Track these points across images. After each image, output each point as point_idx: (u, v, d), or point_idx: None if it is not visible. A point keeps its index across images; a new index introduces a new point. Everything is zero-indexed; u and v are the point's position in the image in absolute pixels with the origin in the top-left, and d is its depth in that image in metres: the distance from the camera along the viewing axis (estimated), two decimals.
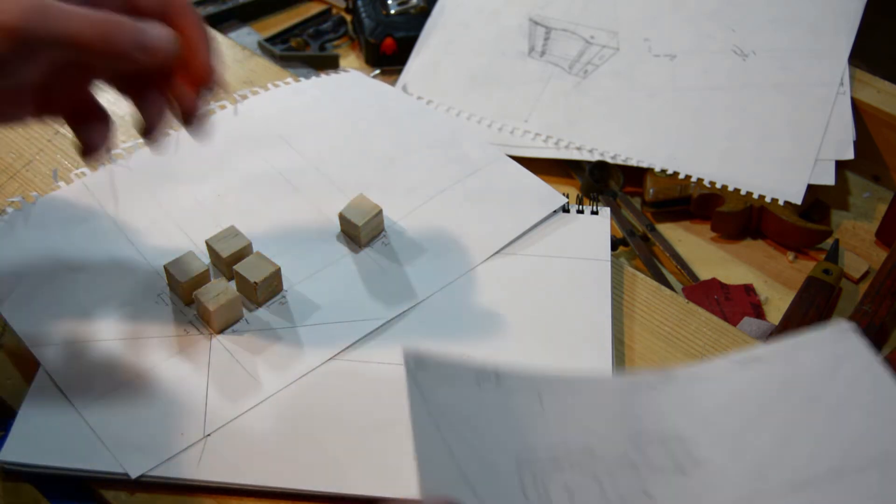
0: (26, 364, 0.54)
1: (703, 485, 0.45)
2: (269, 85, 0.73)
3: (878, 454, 0.44)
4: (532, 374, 0.47)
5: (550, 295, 0.58)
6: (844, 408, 0.46)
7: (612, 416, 0.47)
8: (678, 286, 0.68)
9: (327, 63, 0.85)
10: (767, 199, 0.70)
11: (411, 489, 0.47)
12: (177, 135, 0.68)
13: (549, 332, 0.56)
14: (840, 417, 0.46)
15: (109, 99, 0.72)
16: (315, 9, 0.94)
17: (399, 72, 0.83)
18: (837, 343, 0.48)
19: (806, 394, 0.47)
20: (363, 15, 0.87)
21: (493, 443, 0.44)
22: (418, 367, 0.44)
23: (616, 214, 0.72)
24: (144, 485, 0.49)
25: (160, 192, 0.64)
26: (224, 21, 0.90)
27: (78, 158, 0.67)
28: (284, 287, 0.58)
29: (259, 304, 0.57)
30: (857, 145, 0.73)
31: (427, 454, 0.40)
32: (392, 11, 0.87)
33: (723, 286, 0.67)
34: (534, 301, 0.58)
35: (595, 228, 0.63)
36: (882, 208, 0.74)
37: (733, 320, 0.64)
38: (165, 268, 0.57)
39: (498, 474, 0.43)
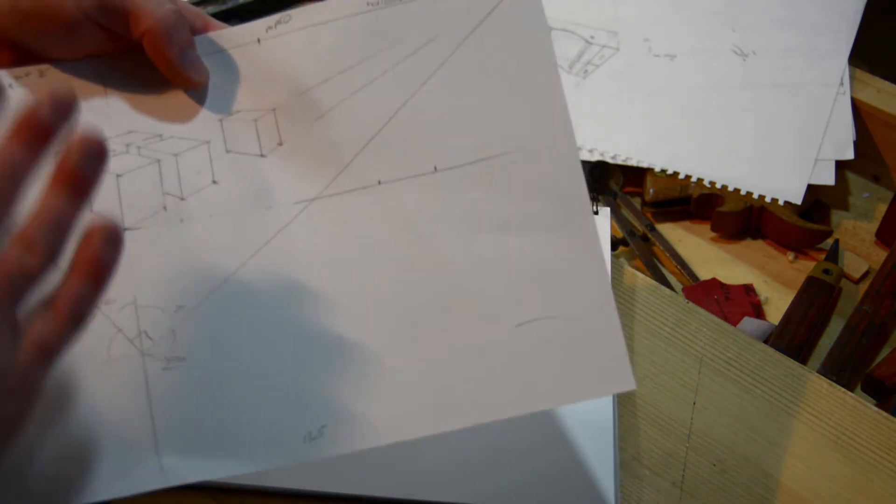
0: None
1: (281, 167, 0.43)
2: None
3: (517, 145, 0.43)
4: (97, 63, 0.45)
5: None
6: (489, 79, 0.44)
7: (197, 97, 0.45)
8: (678, 286, 0.68)
9: None
10: (767, 199, 0.70)
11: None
12: None
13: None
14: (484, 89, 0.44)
15: None
16: None
17: None
18: None
19: (442, 54, 0.44)
20: None
21: None
22: None
23: (616, 214, 0.72)
24: None
25: None
26: (224, 21, 0.90)
27: None
28: None
29: None
30: (857, 145, 0.73)
31: None
32: None
33: (723, 286, 0.67)
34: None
35: None
36: (882, 208, 0.74)
37: (733, 320, 0.64)
38: None
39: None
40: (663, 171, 0.73)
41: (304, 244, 0.42)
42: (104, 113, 0.44)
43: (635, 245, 0.70)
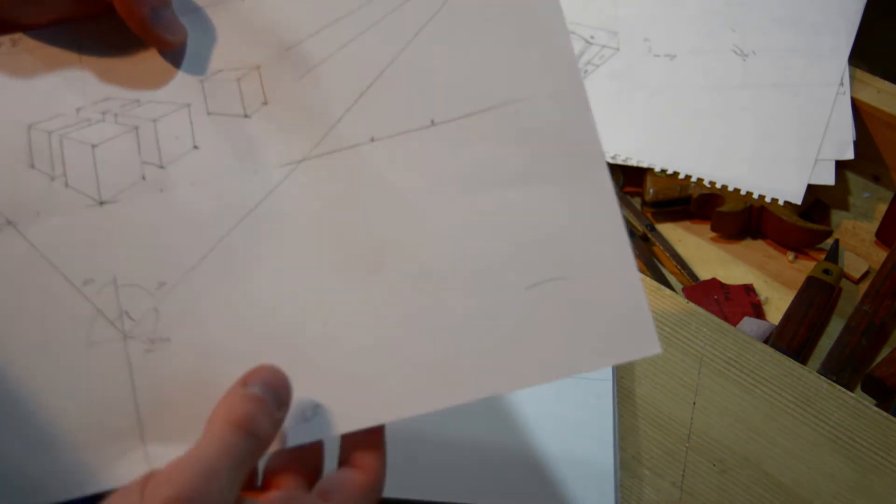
0: None
1: (266, 128, 0.41)
2: None
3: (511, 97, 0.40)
4: (70, 27, 0.43)
5: None
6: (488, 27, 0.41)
7: (175, 57, 0.43)
8: (678, 286, 0.68)
9: None
10: (767, 199, 0.70)
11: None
12: None
13: None
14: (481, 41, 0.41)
15: None
16: None
17: None
18: None
19: (436, 2, 0.42)
20: None
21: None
22: None
23: None
24: None
25: None
26: None
27: None
28: None
29: None
30: (857, 145, 0.73)
31: None
32: None
33: (723, 286, 0.67)
34: None
35: None
36: (882, 208, 0.74)
37: (733, 320, 0.64)
38: None
39: None
40: (663, 171, 0.73)
41: (292, 208, 0.40)
42: (79, 80, 0.42)
43: (635, 245, 0.70)
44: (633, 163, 0.74)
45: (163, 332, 0.39)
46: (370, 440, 0.37)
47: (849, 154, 0.72)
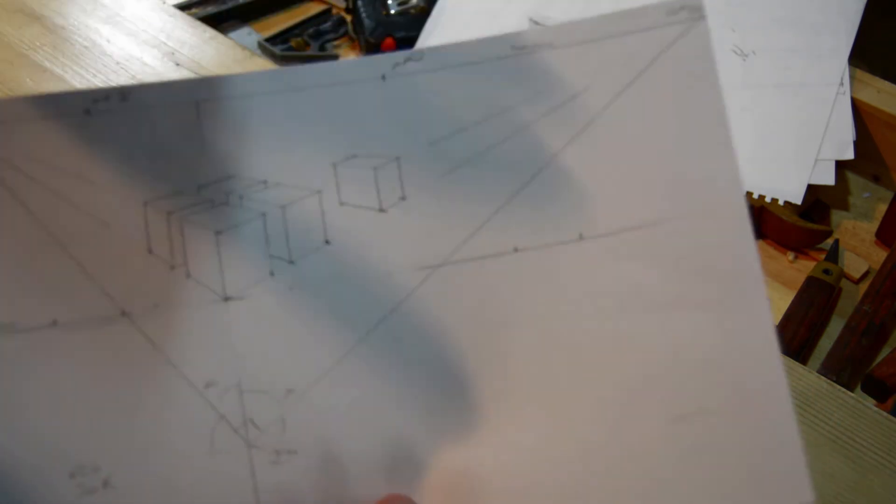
0: None
1: (401, 227, 0.38)
2: None
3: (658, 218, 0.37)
4: (189, 80, 0.38)
5: None
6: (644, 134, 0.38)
7: (308, 136, 0.39)
8: None
9: None
10: (767, 199, 0.70)
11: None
12: None
13: None
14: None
15: None
16: (315, 9, 0.94)
17: None
18: (666, 31, 0.39)
19: (594, 108, 0.39)
20: (363, 15, 0.87)
21: (108, 185, 0.37)
22: None
23: None
24: None
25: None
26: (224, 21, 0.90)
27: None
28: None
29: None
30: (857, 145, 0.73)
31: None
32: (392, 11, 0.87)
33: None
34: None
35: None
36: (882, 208, 0.74)
37: None
38: None
39: (111, 227, 0.37)
40: None
41: (429, 316, 0.37)
42: (198, 150, 0.38)
43: None
44: None
45: (290, 444, 0.36)
46: None
47: (849, 154, 0.72)
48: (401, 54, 0.39)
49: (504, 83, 0.39)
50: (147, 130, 0.38)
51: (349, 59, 0.42)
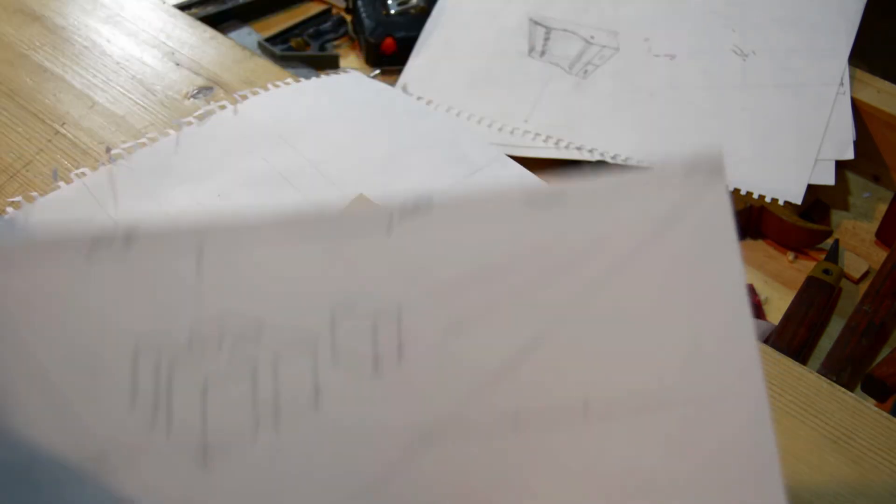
0: None
1: (397, 391, 0.35)
2: (269, 85, 0.73)
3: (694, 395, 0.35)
4: (194, 225, 0.37)
5: None
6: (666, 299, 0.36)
7: (309, 284, 0.37)
8: None
9: (327, 63, 0.85)
10: (767, 199, 0.70)
11: None
12: (177, 135, 0.68)
13: None
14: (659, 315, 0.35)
15: (109, 97, 0.72)
16: (315, 9, 0.94)
17: (399, 72, 0.83)
18: (683, 191, 0.37)
19: (606, 268, 0.36)
20: (363, 15, 0.87)
21: (99, 329, 0.36)
22: None
23: None
24: None
25: (160, 192, 0.64)
26: (224, 21, 0.90)
27: (78, 158, 0.67)
28: None
29: None
30: (857, 145, 0.73)
31: None
32: (392, 11, 0.87)
33: None
34: None
35: None
36: (882, 208, 0.74)
37: None
38: None
39: (97, 371, 0.35)
40: None
41: (420, 487, 0.35)
42: (195, 295, 0.37)
43: None
44: (633, 163, 0.74)
45: None
46: None
47: (849, 154, 0.72)
48: (408, 202, 0.38)
49: (514, 239, 0.37)
50: (146, 276, 0.37)
51: (356, 211, 0.40)
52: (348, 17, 0.91)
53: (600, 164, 0.74)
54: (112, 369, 0.35)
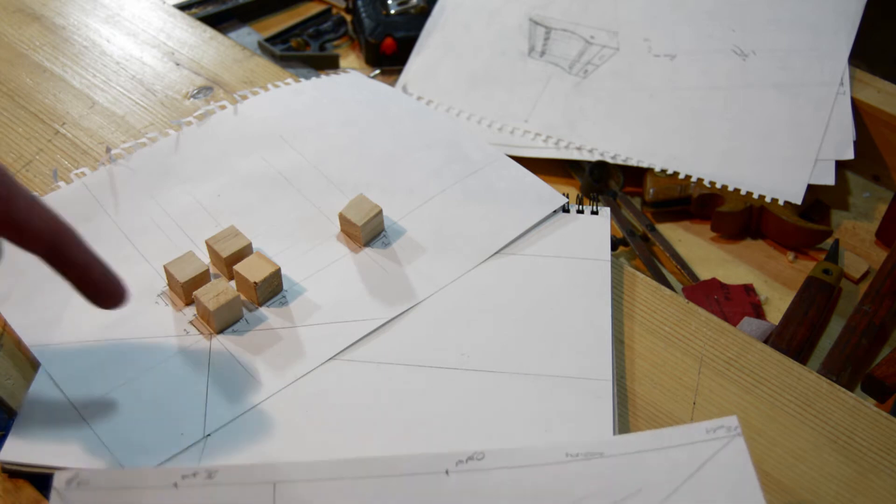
0: (26, 364, 0.54)
1: None
2: (269, 85, 0.73)
3: None
4: (269, 464, 0.43)
5: (550, 295, 0.58)
6: None
7: None
8: (678, 286, 0.68)
9: (327, 63, 0.85)
10: (767, 199, 0.70)
11: None
12: (177, 135, 0.68)
13: (549, 331, 0.56)
14: None
15: (109, 97, 0.72)
16: (315, 9, 0.94)
17: (399, 72, 0.83)
18: (707, 445, 0.44)
19: None
20: (363, 15, 0.87)
21: None
22: (70, 489, 0.41)
23: (616, 214, 0.72)
24: None
25: (160, 191, 0.64)
26: (224, 21, 0.90)
27: (78, 158, 0.67)
28: (284, 287, 0.58)
29: (259, 305, 0.57)
30: (857, 145, 0.73)
31: None
32: (392, 11, 0.87)
33: (723, 286, 0.67)
34: (533, 301, 0.58)
35: (595, 228, 0.63)
36: (882, 208, 0.74)
37: (733, 320, 0.64)
38: (165, 268, 0.57)
39: None
40: (663, 171, 0.73)
41: None
42: None
43: (635, 245, 0.70)
44: (633, 163, 0.74)
45: None
46: None
47: (849, 154, 0.72)
48: (463, 453, 0.44)
49: (560, 484, 0.43)
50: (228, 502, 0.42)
51: (418, 454, 0.45)
52: (348, 17, 0.91)
53: (600, 164, 0.74)
54: None
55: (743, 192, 0.71)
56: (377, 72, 0.85)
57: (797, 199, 0.70)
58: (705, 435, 0.44)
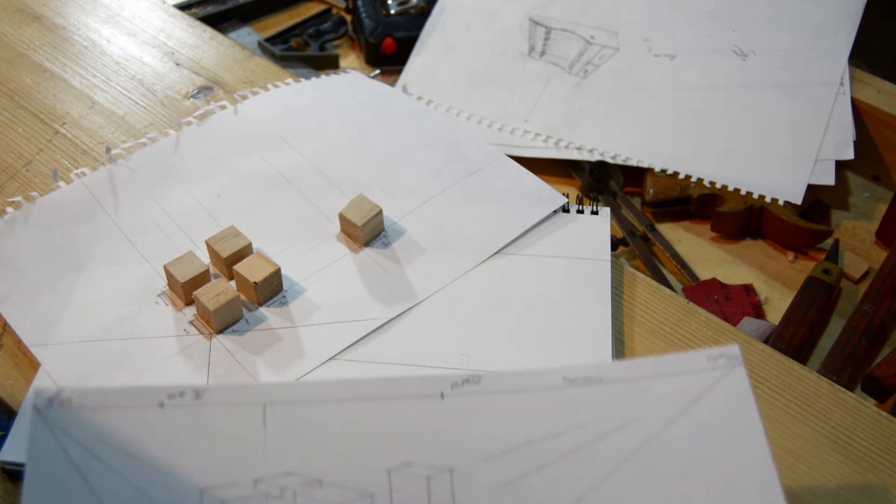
0: (26, 364, 0.54)
1: None
2: (269, 85, 0.73)
3: None
4: (259, 385, 0.43)
5: (550, 295, 0.58)
6: (693, 465, 0.40)
7: (366, 442, 0.41)
8: (678, 286, 0.68)
9: (327, 63, 0.85)
10: (767, 199, 0.70)
11: None
12: (177, 135, 0.68)
13: (549, 331, 0.56)
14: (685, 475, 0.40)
15: (109, 97, 0.72)
16: (315, 9, 0.94)
17: (399, 72, 0.83)
18: (707, 374, 0.42)
19: (647, 436, 0.41)
20: (363, 15, 0.87)
21: (169, 468, 0.40)
22: (51, 407, 0.40)
23: (616, 214, 0.72)
24: None
25: (160, 191, 0.64)
26: (224, 21, 0.90)
27: (78, 158, 0.67)
28: (284, 287, 0.58)
29: (259, 305, 0.57)
30: (857, 145, 0.73)
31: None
32: (392, 11, 0.87)
33: (723, 286, 0.67)
34: (533, 301, 0.58)
35: (595, 228, 0.63)
36: (882, 208, 0.74)
37: (733, 320, 0.64)
38: (165, 268, 0.57)
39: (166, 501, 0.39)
40: (663, 171, 0.73)
41: None
42: (260, 448, 0.41)
43: (635, 245, 0.70)
44: (633, 163, 0.74)
45: None
46: None
47: (849, 154, 0.72)
48: (459, 376, 0.43)
49: (556, 410, 0.42)
50: (214, 426, 0.41)
51: (411, 376, 0.45)
52: (348, 17, 0.91)
53: (600, 164, 0.74)
54: (180, 501, 0.39)
55: (743, 192, 0.71)
56: (377, 72, 0.85)
57: (797, 199, 0.70)
58: (706, 363, 0.43)
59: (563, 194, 0.65)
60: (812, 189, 0.71)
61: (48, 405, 0.40)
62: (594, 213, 0.64)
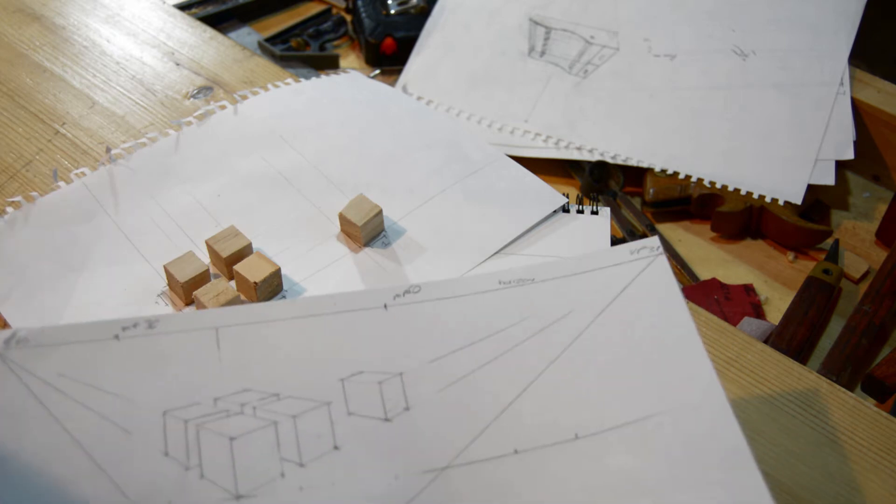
0: None
1: (407, 431, 0.41)
2: (269, 85, 0.73)
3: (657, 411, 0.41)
4: (210, 311, 0.44)
5: None
6: (622, 353, 0.43)
7: (317, 355, 0.43)
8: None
9: (327, 63, 0.85)
10: (767, 199, 0.70)
11: None
12: (177, 135, 0.68)
13: None
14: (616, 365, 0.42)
15: (109, 97, 0.72)
16: (315, 9, 0.94)
17: (399, 72, 0.83)
18: (632, 265, 0.45)
19: (581, 325, 0.44)
20: (363, 15, 0.87)
21: (129, 397, 0.41)
22: (9, 348, 0.41)
23: (616, 214, 0.72)
24: None
25: (160, 192, 0.64)
26: (224, 21, 0.90)
27: (78, 158, 0.67)
28: (284, 287, 0.58)
29: None
30: (857, 145, 0.73)
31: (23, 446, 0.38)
32: (392, 11, 0.87)
33: (723, 286, 0.67)
34: None
35: (595, 228, 0.63)
36: (882, 208, 0.74)
37: (733, 320, 0.64)
38: (165, 268, 0.57)
39: (132, 433, 0.40)
40: (663, 171, 0.73)
41: None
42: (216, 368, 0.42)
43: None
44: (633, 163, 0.74)
45: None
46: None
47: (849, 154, 0.72)
48: (399, 287, 0.45)
49: (494, 310, 0.45)
50: (170, 352, 0.42)
51: (356, 291, 0.47)
52: (348, 17, 0.91)
53: (600, 164, 0.74)
54: (143, 428, 0.40)
55: (743, 192, 0.71)
56: (377, 72, 0.85)
57: (797, 199, 0.70)
58: (629, 256, 0.46)
59: (563, 194, 0.65)
60: (812, 189, 0.71)
61: (6, 346, 0.41)
62: (594, 213, 0.64)
